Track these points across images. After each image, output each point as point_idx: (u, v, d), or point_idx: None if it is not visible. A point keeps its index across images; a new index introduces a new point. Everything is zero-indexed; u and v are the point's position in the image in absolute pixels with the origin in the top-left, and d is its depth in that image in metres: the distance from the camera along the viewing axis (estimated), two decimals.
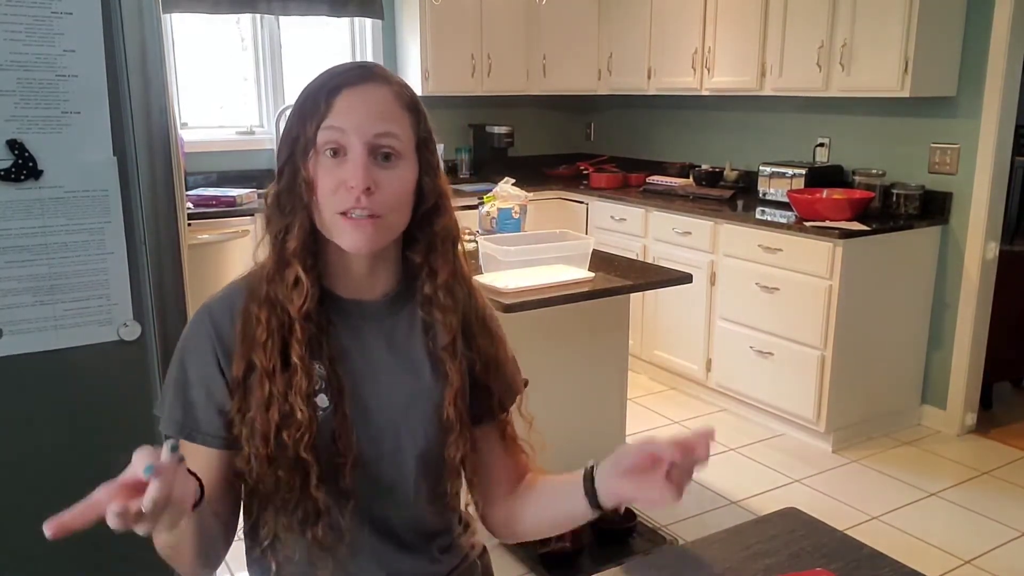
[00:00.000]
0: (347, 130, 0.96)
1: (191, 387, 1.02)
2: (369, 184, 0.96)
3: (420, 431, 1.07)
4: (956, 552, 2.67)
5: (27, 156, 1.30)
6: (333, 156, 0.97)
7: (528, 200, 3.08)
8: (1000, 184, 3.38)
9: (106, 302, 1.39)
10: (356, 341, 1.06)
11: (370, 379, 1.06)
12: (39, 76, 1.29)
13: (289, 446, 0.97)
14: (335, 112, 0.97)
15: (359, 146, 0.96)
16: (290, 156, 0.99)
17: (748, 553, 1.14)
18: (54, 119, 1.31)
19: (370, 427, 1.05)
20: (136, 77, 1.37)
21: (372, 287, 1.07)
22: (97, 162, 1.35)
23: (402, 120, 1.00)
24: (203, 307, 1.04)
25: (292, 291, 0.99)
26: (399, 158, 0.99)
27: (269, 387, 0.98)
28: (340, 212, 0.97)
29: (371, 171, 0.96)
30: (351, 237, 0.98)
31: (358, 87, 0.98)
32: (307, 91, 1.01)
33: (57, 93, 1.31)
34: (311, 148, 0.97)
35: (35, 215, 1.32)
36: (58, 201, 1.33)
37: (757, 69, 3.85)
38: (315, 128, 0.97)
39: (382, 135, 0.97)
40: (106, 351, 1.39)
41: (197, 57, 4.25)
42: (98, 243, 1.37)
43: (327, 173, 0.97)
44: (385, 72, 1.02)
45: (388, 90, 1.00)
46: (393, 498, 1.08)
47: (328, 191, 0.97)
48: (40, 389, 1.35)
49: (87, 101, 1.33)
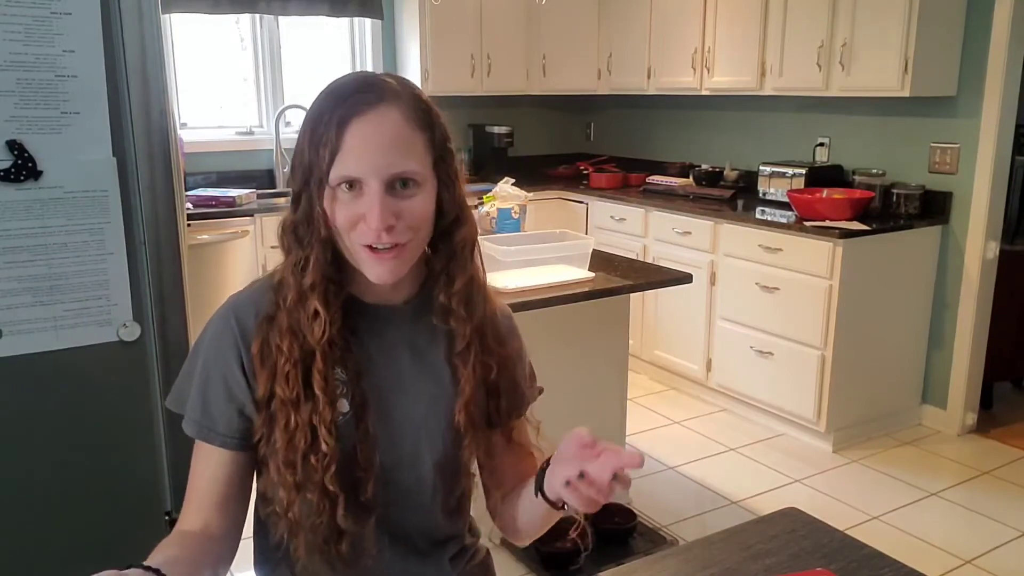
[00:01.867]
0: (363, 176, 0.93)
1: (211, 386, 1.01)
2: (390, 222, 0.94)
3: (437, 436, 1.07)
4: (956, 552, 2.67)
5: (27, 156, 1.29)
6: (349, 189, 0.94)
7: (528, 200, 3.07)
8: (1000, 184, 3.38)
9: (106, 303, 1.39)
10: (381, 348, 1.05)
11: (395, 388, 1.05)
12: (39, 76, 1.29)
13: (317, 472, 0.97)
14: (347, 148, 0.93)
15: (375, 184, 0.93)
16: (305, 184, 0.97)
17: (748, 553, 1.14)
18: (53, 119, 1.31)
19: (391, 435, 1.05)
20: (136, 77, 1.37)
21: (396, 293, 1.06)
22: (97, 162, 1.35)
23: (416, 144, 0.96)
24: (228, 305, 1.03)
25: (312, 323, 0.98)
26: (418, 185, 0.97)
27: (293, 417, 0.97)
28: (363, 244, 0.96)
29: (389, 205, 0.94)
30: (375, 271, 0.97)
31: (368, 116, 0.93)
32: (316, 115, 0.96)
33: (57, 93, 1.31)
34: (325, 183, 0.94)
35: (35, 215, 1.31)
36: (58, 201, 1.33)
37: (757, 69, 3.85)
38: (328, 161, 0.93)
39: (398, 174, 0.95)
40: (106, 352, 1.39)
41: (197, 57, 4.24)
42: (98, 243, 1.37)
43: (344, 208, 0.95)
44: (394, 88, 0.97)
45: (399, 114, 0.95)
46: (410, 504, 1.08)
47: (346, 226, 0.95)
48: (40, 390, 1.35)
49: (86, 101, 1.33)
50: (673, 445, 3.50)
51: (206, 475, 1.02)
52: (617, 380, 2.93)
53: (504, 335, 1.13)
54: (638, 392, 4.06)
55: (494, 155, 4.99)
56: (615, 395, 2.93)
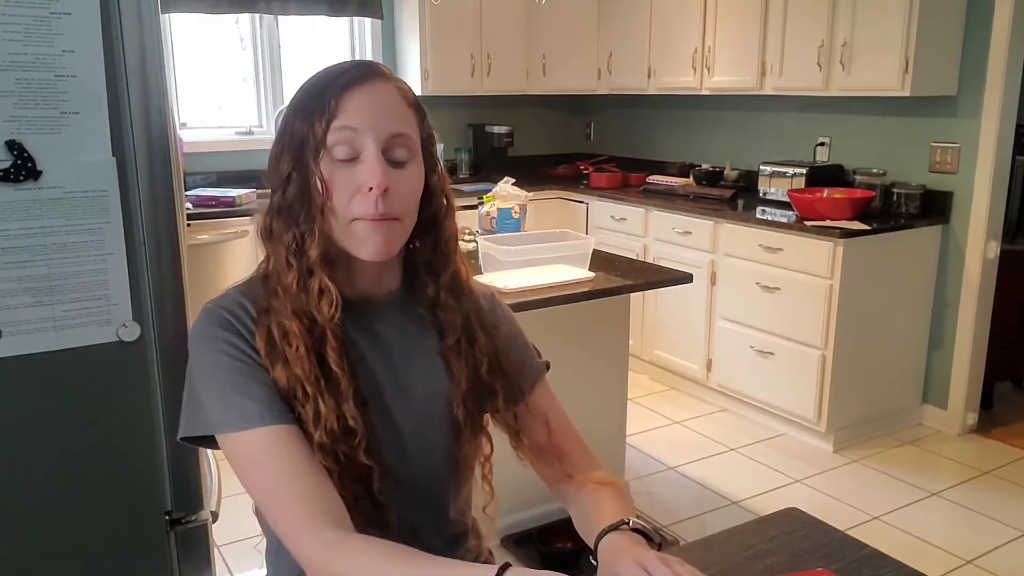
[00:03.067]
0: (361, 130, 0.93)
1: (240, 377, 0.94)
2: (387, 185, 0.93)
3: (440, 430, 1.06)
4: (957, 552, 2.67)
5: (26, 157, 1.29)
6: (344, 159, 0.94)
7: (528, 200, 3.07)
8: (1001, 183, 3.38)
9: (105, 303, 1.38)
10: (372, 344, 1.04)
11: (390, 382, 1.04)
12: (38, 76, 1.29)
13: (350, 455, 0.94)
14: (346, 111, 0.93)
15: (373, 146, 0.93)
16: (297, 161, 0.95)
17: (749, 553, 1.14)
18: (53, 119, 1.31)
19: (394, 430, 1.03)
20: (135, 77, 1.37)
21: (378, 286, 1.05)
22: (96, 162, 1.35)
23: (410, 119, 0.99)
24: (211, 307, 0.98)
25: (320, 301, 0.95)
26: (410, 158, 0.97)
27: (319, 402, 0.93)
28: (356, 218, 0.94)
29: (386, 171, 0.94)
30: (370, 244, 0.95)
31: (366, 85, 0.95)
32: (309, 90, 0.96)
33: (56, 93, 1.31)
34: (321, 149, 0.93)
35: (34, 216, 1.31)
36: (57, 202, 1.33)
37: (757, 69, 3.84)
38: (324, 128, 0.93)
39: (397, 135, 0.95)
40: (105, 352, 1.39)
41: (196, 57, 4.24)
42: (97, 244, 1.37)
43: (341, 180, 0.94)
44: (386, 70, 0.99)
45: (394, 88, 0.98)
46: (419, 499, 1.06)
47: (344, 199, 0.94)
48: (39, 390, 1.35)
49: (86, 101, 1.33)
50: (673, 445, 3.50)
51: (300, 464, 0.91)
52: (617, 380, 2.93)
53: (494, 321, 1.12)
54: (638, 392, 4.06)
55: (494, 155, 4.99)
56: (615, 395, 2.93)
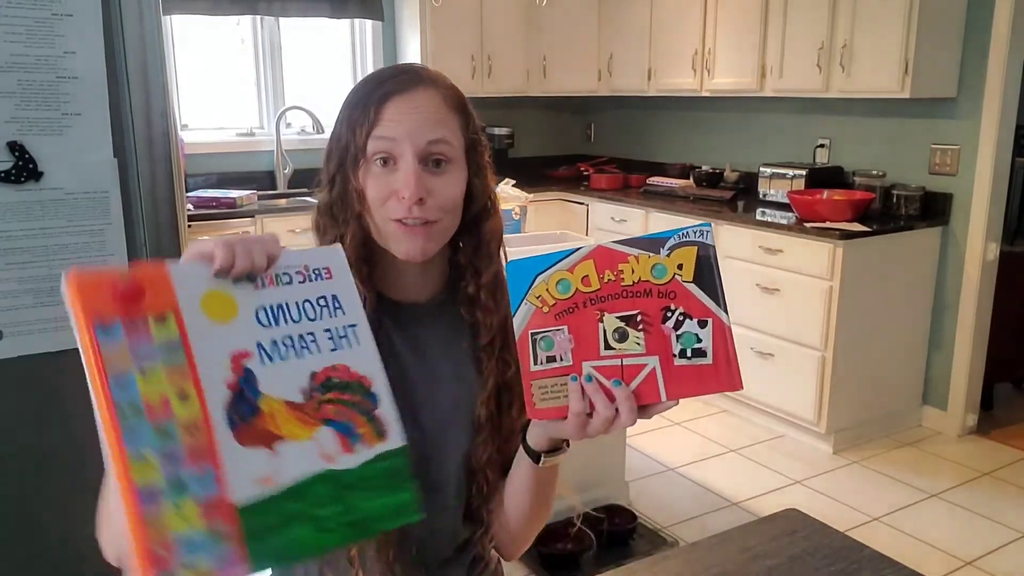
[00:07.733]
0: (398, 139, 0.95)
1: None
2: (421, 194, 0.94)
3: (461, 433, 1.06)
4: (957, 553, 2.67)
5: (27, 158, 1.30)
6: (383, 165, 0.96)
7: (528, 201, 3.08)
8: (1000, 185, 3.38)
9: None
10: (409, 346, 1.04)
11: (422, 384, 1.04)
12: (40, 78, 1.29)
13: None
14: (384, 121, 0.95)
15: (410, 155, 0.95)
16: (340, 165, 0.98)
17: (749, 554, 1.14)
18: (54, 121, 1.31)
19: (416, 432, 1.03)
20: (136, 79, 1.37)
21: (423, 290, 1.06)
22: (97, 164, 1.35)
23: (452, 123, 0.99)
24: None
25: None
26: (450, 163, 0.98)
27: None
28: (393, 219, 0.96)
29: (423, 179, 0.95)
30: (405, 246, 0.97)
31: (407, 93, 0.96)
32: (354, 99, 0.99)
33: (57, 95, 1.31)
34: (361, 158, 0.96)
35: (35, 217, 1.32)
36: (58, 203, 1.33)
37: (757, 70, 3.85)
38: (365, 137, 0.95)
39: (433, 142, 0.96)
40: None
41: (197, 58, 4.25)
42: (99, 244, 1.37)
43: (377, 182, 0.96)
44: (433, 74, 1.01)
45: (436, 93, 0.99)
46: (434, 503, 1.04)
47: (379, 200, 0.96)
48: (40, 391, 1.35)
49: (87, 103, 1.33)
50: (674, 446, 3.50)
51: None
52: None
53: None
54: None
55: (494, 156, 4.95)
56: None
